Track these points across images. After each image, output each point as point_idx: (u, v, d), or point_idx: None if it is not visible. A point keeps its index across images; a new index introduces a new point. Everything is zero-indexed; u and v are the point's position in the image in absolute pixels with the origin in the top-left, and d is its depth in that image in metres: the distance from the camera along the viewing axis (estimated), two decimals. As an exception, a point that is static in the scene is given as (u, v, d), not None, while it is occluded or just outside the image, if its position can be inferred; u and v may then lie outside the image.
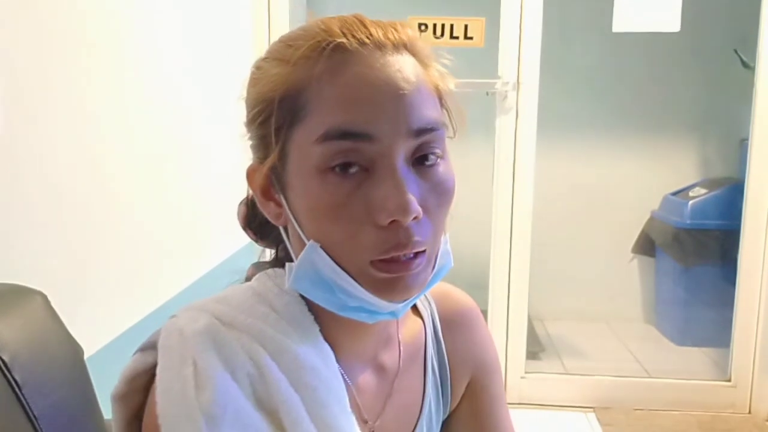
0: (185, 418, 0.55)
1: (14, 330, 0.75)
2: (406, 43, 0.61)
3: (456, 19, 2.37)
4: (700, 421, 2.50)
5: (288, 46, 0.61)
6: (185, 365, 0.58)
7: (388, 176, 0.57)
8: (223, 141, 2.11)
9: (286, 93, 0.59)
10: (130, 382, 0.62)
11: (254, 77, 0.64)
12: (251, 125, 0.64)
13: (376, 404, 0.71)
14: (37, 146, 1.10)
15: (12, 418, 0.70)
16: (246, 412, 0.58)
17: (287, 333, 0.63)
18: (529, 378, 2.67)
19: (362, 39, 0.59)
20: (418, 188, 0.58)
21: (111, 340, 1.30)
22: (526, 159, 2.54)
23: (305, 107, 0.58)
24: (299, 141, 0.59)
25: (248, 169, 0.66)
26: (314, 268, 0.60)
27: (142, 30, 1.50)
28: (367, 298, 0.60)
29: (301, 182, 0.60)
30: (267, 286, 0.66)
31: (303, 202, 0.60)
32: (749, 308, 2.54)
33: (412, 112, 0.58)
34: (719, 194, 3.15)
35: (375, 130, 0.57)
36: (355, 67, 0.58)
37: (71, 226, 1.20)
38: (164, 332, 0.62)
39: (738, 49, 3.06)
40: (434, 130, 0.59)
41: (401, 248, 0.57)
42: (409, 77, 0.59)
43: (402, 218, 0.56)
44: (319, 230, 0.60)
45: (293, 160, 0.60)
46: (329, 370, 0.63)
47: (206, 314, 0.63)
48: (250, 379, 0.59)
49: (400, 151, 0.58)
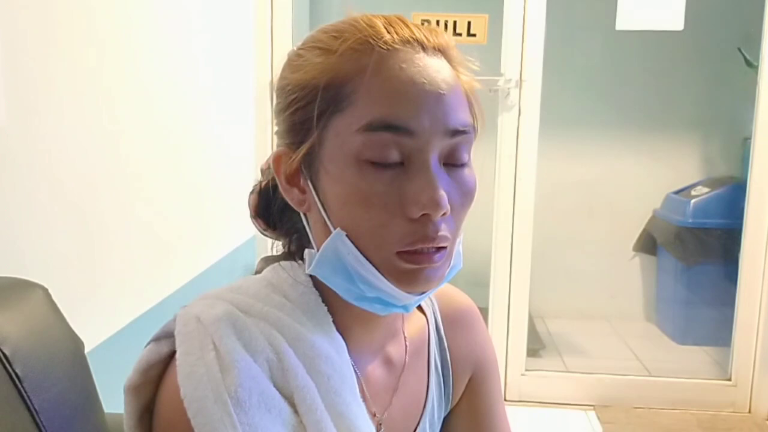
0: (213, 400, 0.56)
1: (15, 324, 0.75)
2: (443, 48, 0.63)
3: (459, 15, 2.36)
4: (700, 420, 2.50)
5: (334, 37, 0.62)
6: (206, 350, 0.59)
7: (423, 171, 0.59)
8: (227, 136, 2.11)
9: (331, 81, 0.61)
10: (145, 372, 0.62)
11: (294, 64, 0.65)
12: (286, 111, 0.65)
13: (384, 397, 0.72)
14: (39, 139, 1.10)
15: (13, 412, 0.70)
16: (270, 394, 0.59)
17: (302, 322, 0.64)
18: (529, 375, 2.67)
19: (406, 37, 0.61)
20: (447, 186, 0.60)
21: (112, 334, 1.30)
22: (528, 156, 2.54)
23: (349, 97, 0.60)
24: (339, 129, 0.60)
25: (276, 153, 0.67)
26: (337, 255, 0.62)
27: (147, 25, 1.50)
28: (387, 289, 0.61)
29: (336, 169, 0.61)
30: (281, 277, 0.67)
31: (336, 189, 0.61)
32: (750, 307, 2.54)
33: (450, 113, 0.60)
34: (721, 193, 3.15)
35: (416, 125, 0.59)
36: (400, 63, 0.60)
37: (73, 219, 1.20)
38: (180, 320, 0.62)
39: (741, 47, 3.06)
40: (467, 133, 0.62)
41: (429, 241, 0.60)
42: (448, 79, 0.61)
43: (433, 212, 0.58)
44: (349, 218, 0.61)
45: (330, 147, 0.61)
46: (342, 360, 0.64)
47: (223, 302, 0.64)
48: (269, 364, 0.60)
49: (436, 148, 0.60)
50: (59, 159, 1.16)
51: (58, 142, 1.16)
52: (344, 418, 0.61)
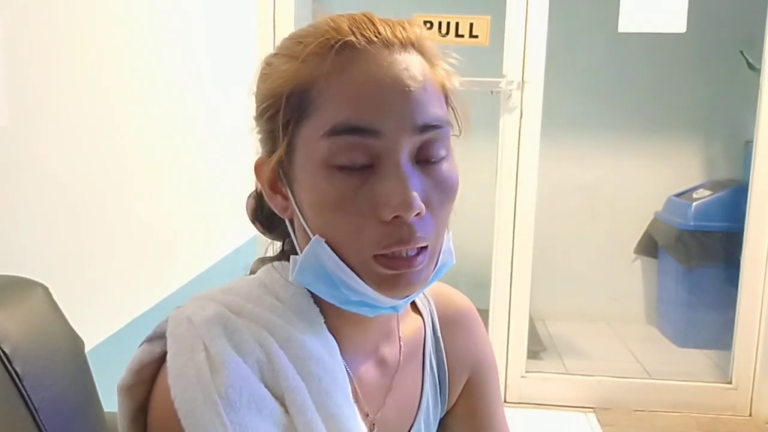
0: (203, 401, 0.56)
1: (15, 322, 0.75)
2: (413, 42, 0.62)
3: (461, 17, 2.36)
4: (700, 423, 2.50)
5: (297, 42, 0.62)
6: (197, 351, 0.59)
7: (393, 172, 0.58)
8: (227, 136, 2.11)
9: (295, 89, 0.60)
10: (137, 373, 0.62)
11: (264, 73, 0.65)
12: (260, 119, 0.65)
13: (377, 398, 0.71)
14: (40, 139, 1.11)
15: (12, 410, 0.70)
16: (261, 395, 0.58)
17: (293, 323, 0.63)
18: (529, 377, 2.67)
19: (370, 37, 0.60)
20: (421, 185, 0.59)
21: (112, 334, 1.30)
22: (529, 158, 2.54)
23: (313, 103, 0.59)
24: (306, 136, 0.60)
25: (256, 162, 0.67)
26: (318, 262, 0.61)
27: (147, 25, 1.50)
28: (369, 294, 0.60)
29: (307, 176, 0.60)
30: (273, 278, 0.67)
31: (309, 196, 0.61)
32: (751, 310, 2.54)
33: (418, 109, 0.59)
34: (723, 196, 3.14)
35: (381, 125, 0.58)
36: (363, 64, 0.59)
37: (73, 218, 1.20)
38: (172, 321, 0.62)
39: (744, 50, 3.05)
40: (439, 128, 0.60)
41: (404, 243, 0.58)
42: (416, 75, 0.60)
43: (405, 214, 0.57)
44: (324, 224, 0.61)
45: (300, 154, 0.61)
46: (334, 361, 0.64)
47: (214, 303, 0.63)
48: (260, 365, 0.60)
49: (405, 147, 0.59)
50: (60, 159, 1.16)
51: (58, 142, 1.16)
52: (335, 419, 0.60)
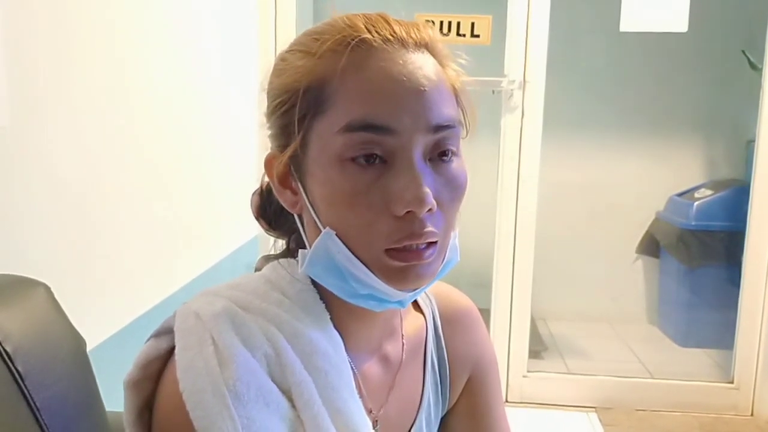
0: (212, 394, 0.56)
1: (17, 321, 0.75)
2: (427, 43, 0.63)
3: (463, 16, 2.36)
4: (702, 423, 2.50)
5: (314, 39, 0.63)
6: (205, 345, 0.59)
7: (406, 169, 0.59)
8: (231, 135, 2.11)
9: (311, 84, 0.61)
10: (144, 368, 0.63)
11: (278, 68, 0.66)
12: (273, 115, 0.65)
13: (380, 394, 0.72)
14: (42, 138, 1.11)
15: (14, 409, 0.70)
16: (268, 388, 0.59)
17: (300, 318, 0.64)
18: (531, 377, 2.67)
19: (386, 36, 0.61)
20: (433, 182, 0.60)
21: (114, 333, 1.30)
22: (531, 158, 2.54)
23: (329, 99, 0.60)
24: (321, 131, 0.61)
25: (267, 157, 0.67)
26: (328, 254, 0.62)
27: (152, 24, 1.50)
28: (379, 287, 0.61)
29: (321, 170, 0.61)
30: (280, 274, 0.68)
31: (322, 190, 0.62)
32: (753, 310, 2.53)
33: (432, 109, 0.60)
34: (725, 196, 3.14)
35: (396, 123, 0.59)
36: (379, 62, 0.60)
37: (75, 218, 1.21)
38: (179, 316, 0.63)
39: (746, 50, 3.05)
40: (451, 128, 0.62)
41: (415, 238, 0.59)
42: (430, 75, 0.61)
43: (417, 209, 0.58)
44: (336, 218, 0.61)
45: (314, 149, 0.62)
46: (339, 356, 0.65)
47: (222, 298, 0.64)
48: (267, 359, 0.61)
49: (419, 145, 0.60)
50: (62, 158, 1.16)
51: (60, 141, 1.16)
52: (341, 413, 0.61)
